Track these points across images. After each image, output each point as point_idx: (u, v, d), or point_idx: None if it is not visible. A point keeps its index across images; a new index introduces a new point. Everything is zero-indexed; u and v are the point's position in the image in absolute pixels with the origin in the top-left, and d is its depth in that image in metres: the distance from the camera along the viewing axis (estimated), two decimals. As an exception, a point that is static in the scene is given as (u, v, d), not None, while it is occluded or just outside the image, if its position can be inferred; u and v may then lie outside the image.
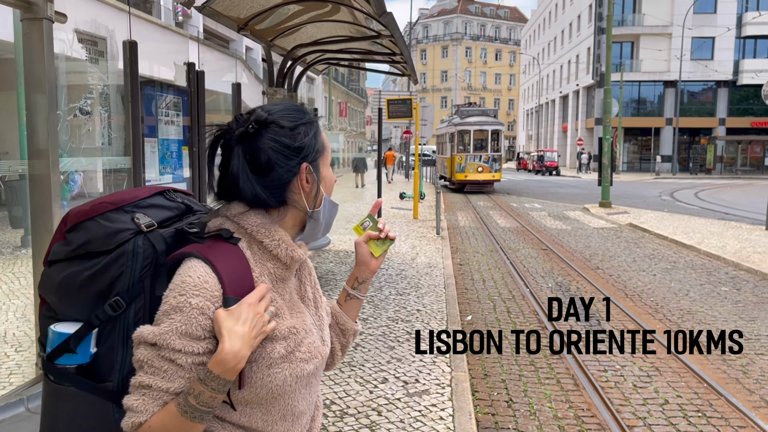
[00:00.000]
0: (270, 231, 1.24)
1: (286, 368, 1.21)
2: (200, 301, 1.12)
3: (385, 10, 4.58)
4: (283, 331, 1.22)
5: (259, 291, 1.18)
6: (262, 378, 1.19)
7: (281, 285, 1.27)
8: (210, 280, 1.14)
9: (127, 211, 1.22)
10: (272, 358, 1.19)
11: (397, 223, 14.28)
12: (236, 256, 1.20)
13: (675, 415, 4.37)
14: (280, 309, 1.25)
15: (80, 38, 4.14)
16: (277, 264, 1.25)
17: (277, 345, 1.20)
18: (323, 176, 1.30)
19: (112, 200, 1.24)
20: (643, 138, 47.90)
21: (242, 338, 1.11)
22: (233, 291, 1.16)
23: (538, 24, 71.96)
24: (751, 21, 43.99)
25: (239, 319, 1.12)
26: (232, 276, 1.17)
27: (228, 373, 1.11)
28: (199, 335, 1.12)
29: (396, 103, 13.74)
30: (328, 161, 1.33)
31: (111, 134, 4.06)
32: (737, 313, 7.01)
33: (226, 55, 14.73)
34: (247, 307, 1.14)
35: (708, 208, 19.74)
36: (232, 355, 1.10)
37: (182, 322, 1.11)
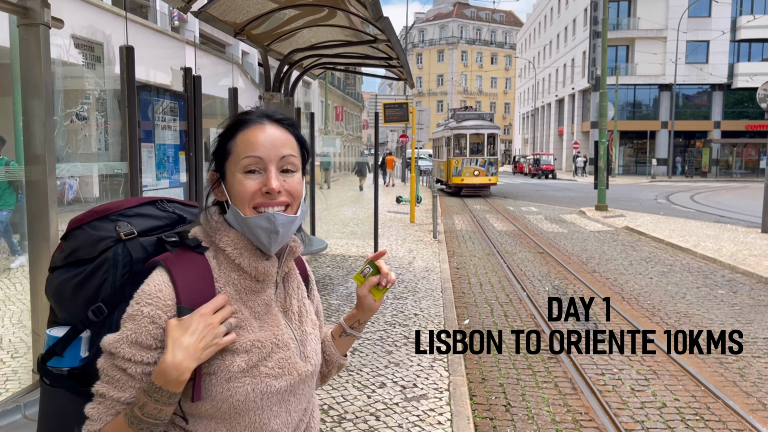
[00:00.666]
0: (223, 233, 1.21)
1: (248, 383, 1.16)
2: (152, 310, 1.12)
3: (381, 15, 4.58)
4: (245, 344, 1.17)
5: (214, 302, 1.15)
6: (222, 392, 1.15)
7: (250, 296, 1.22)
8: (164, 289, 1.13)
9: (112, 219, 1.24)
10: (231, 372, 1.15)
11: (393, 227, 14.28)
12: (199, 265, 1.19)
13: (673, 419, 4.37)
14: (244, 321, 1.19)
15: (77, 43, 4.15)
16: (242, 275, 1.21)
17: (237, 358, 1.16)
18: (229, 184, 1.20)
19: (100, 209, 1.26)
20: (638, 141, 48.03)
21: (186, 349, 1.08)
22: (189, 301, 1.14)
23: (533, 28, 72.16)
24: (746, 24, 44.20)
25: (187, 329, 1.10)
26: (189, 285, 1.15)
27: (170, 384, 1.08)
28: (150, 344, 1.11)
29: (392, 107, 13.75)
30: (237, 167, 1.19)
31: (107, 139, 4.07)
32: (734, 316, 7.03)
33: (222, 60, 14.74)
34: (198, 317, 1.11)
35: (704, 211, 19.79)
36: (172, 366, 1.07)
37: (133, 331, 1.11)
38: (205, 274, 1.18)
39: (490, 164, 25.03)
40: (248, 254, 1.20)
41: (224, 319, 1.14)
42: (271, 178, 1.17)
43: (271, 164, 1.18)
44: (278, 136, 1.21)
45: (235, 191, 1.18)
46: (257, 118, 1.22)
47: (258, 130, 1.20)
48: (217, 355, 1.15)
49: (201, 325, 1.11)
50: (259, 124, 1.21)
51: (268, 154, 1.18)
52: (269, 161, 1.18)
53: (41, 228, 3.08)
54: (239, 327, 1.18)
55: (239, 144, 1.19)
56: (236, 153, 1.19)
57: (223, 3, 4.90)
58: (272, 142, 1.19)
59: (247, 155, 1.17)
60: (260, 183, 1.18)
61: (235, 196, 1.19)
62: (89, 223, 1.24)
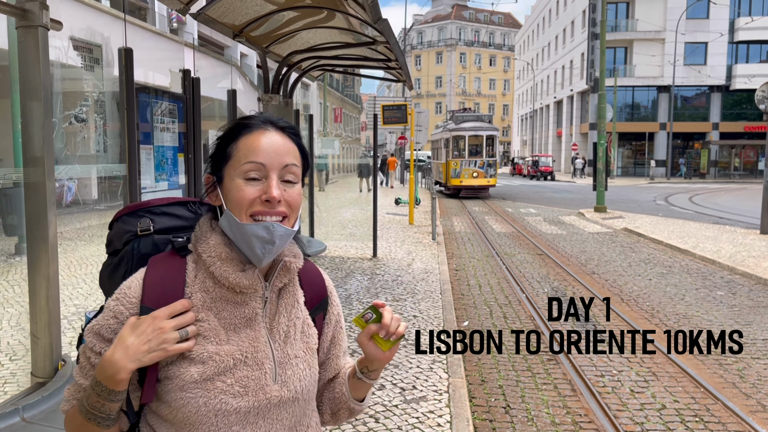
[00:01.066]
0: (204, 238, 1.19)
1: (200, 396, 1.11)
2: (116, 304, 1.15)
3: (380, 17, 4.59)
4: (202, 354, 1.13)
5: (172, 306, 1.12)
6: (176, 399, 1.12)
7: (225, 306, 1.17)
8: (133, 286, 1.16)
9: (139, 215, 1.28)
10: (185, 381, 1.12)
11: (392, 229, 14.27)
12: (175, 267, 1.19)
13: (672, 420, 4.37)
14: (210, 331, 1.15)
15: (75, 45, 4.14)
16: (218, 284, 1.17)
17: (192, 368, 1.12)
18: (226, 189, 1.17)
19: (134, 205, 1.31)
20: (637, 143, 48.09)
21: (126, 349, 1.07)
22: (151, 301, 1.13)
23: (531, 30, 72.25)
24: (744, 26, 44.29)
25: (135, 330, 1.09)
26: (156, 286, 1.15)
27: (108, 380, 1.07)
28: (109, 338, 1.13)
29: (391, 108, 13.75)
30: (236, 172, 1.15)
31: (106, 141, 4.07)
32: (733, 318, 7.03)
33: (221, 62, 14.75)
34: (149, 320, 1.10)
35: (702, 212, 19.80)
36: (109, 362, 1.07)
37: (98, 322, 1.15)
38: (177, 277, 1.17)
39: (488, 166, 25.04)
40: (222, 263, 1.16)
41: (180, 326, 1.11)
42: (272, 186, 1.13)
43: (272, 172, 1.15)
44: (282, 144, 1.17)
45: (233, 196, 1.15)
46: (261, 124, 1.19)
47: (262, 135, 1.17)
48: (175, 361, 1.13)
49: (150, 327, 1.09)
50: (263, 130, 1.18)
51: (270, 161, 1.15)
52: (271, 169, 1.15)
53: (40, 230, 3.08)
54: (202, 336, 1.14)
55: (241, 148, 1.16)
56: (237, 157, 1.16)
57: (221, 5, 4.90)
58: (275, 149, 1.16)
59: (249, 160, 1.14)
60: (260, 190, 1.14)
61: (232, 201, 1.15)
62: (122, 217, 1.29)
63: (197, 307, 1.16)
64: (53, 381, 3.04)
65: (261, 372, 1.16)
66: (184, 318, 1.12)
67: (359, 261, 10.02)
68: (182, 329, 1.11)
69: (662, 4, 45.55)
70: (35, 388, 3.05)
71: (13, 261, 8.86)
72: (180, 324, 1.11)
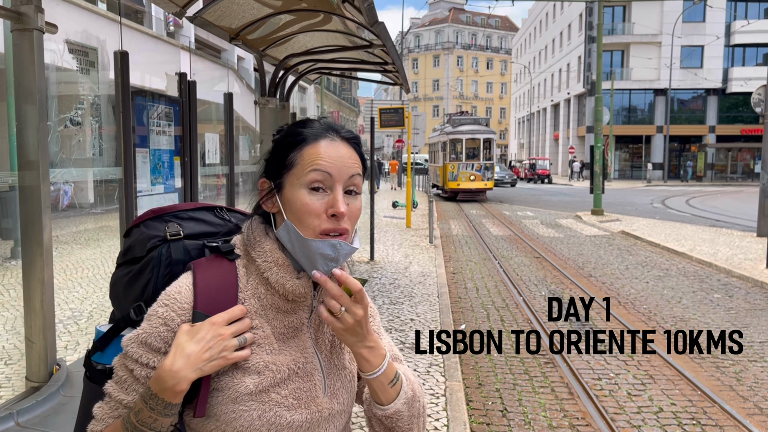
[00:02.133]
0: (258, 242, 1.14)
1: (254, 408, 1.06)
2: (166, 311, 1.07)
3: (376, 20, 4.58)
4: (258, 364, 1.08)
5: (230, 312, 1.08)
6: (227, 413, 1.07)
7: (277, 315, 1.14)
8: (183, 291, 1.09)
9: (165, 220, 1.22)
10: (238, 392, 1.06)
11: (389, 232, 14.27)
12: (225, 272, 1.13)
13: (670, 423, 4.36)
14: (264, 339, 1.11)
15: (71, 48, 4.13)
16: (270, 290, 1.13)
17: (246, 378, 1.07)
18: (287, 198, 1.11)
19: (158, 209, 1.25)
20: (634, 146, 48.19)
21: (188, 357, 1.02)
22: (205, 307, 1.08)
23: (528, 33, 72.42)
24: (740, 29, 44.44)
25: (194, 336, 1.04)
26: (209, 291, 1.09)
27: (166, 393, 1.01)
28: (158, 347, 1.06)
29: (388, 112, 13.75)
30: (300, 181, 1.10)
31: (102, 144, 4.05)
32: (730, 320, 7.03)
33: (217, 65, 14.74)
34: (208, 326, 1.05)
35: (699, 215, 19.83)
36: (169, 373, 1.01)
37: (145, 331, 1.07)
38: (230, 282, 1.12)
39: (486, 169, 25.06)
40: (278, 269, 1.11)
41: (239, 333, 1.07)
42: (339, 201, 1.09)
43: (339, 183, 1.10)
44: (348, 155, 1.13)
45: (296, 207, 1.09)
46: (327, 132, 1.13)
47: (329, 144, 1.11)
48: (228, 371, 1.07)
49: (209, 334, 1.04)
50: (330, 139, 1.12)
51: (338, 172, 1.10)
52: (338, 180, 1.10)
53: (35, 234, 3.06)
54: (256, 344, 1.10)
55: (306, 157, 1.10)
56: (301, 165, 1.10)
57: (218, 8, 4.90)
58: (342, 160, 1.11)
59: (315, 169, 1.09)
60: (326, 203, 1.09)
61: (295, 213, 1.10)
62: (145, 222, 1.23)
63: (251, 314, 1.11)
64: (48, 385, 3.03)
65: (311, 383, 1.13)
66: (242, 324, 1.08)
67: (356, 264, 10.01)
68: (241, 336, 1.07)
69: (658, 8, 45.69)
70: (30, 392, 3.03)
71: (8, 265, 8.83)
72: (239, 330, 1.07)
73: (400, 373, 1.21)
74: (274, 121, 6.77)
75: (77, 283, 7.74)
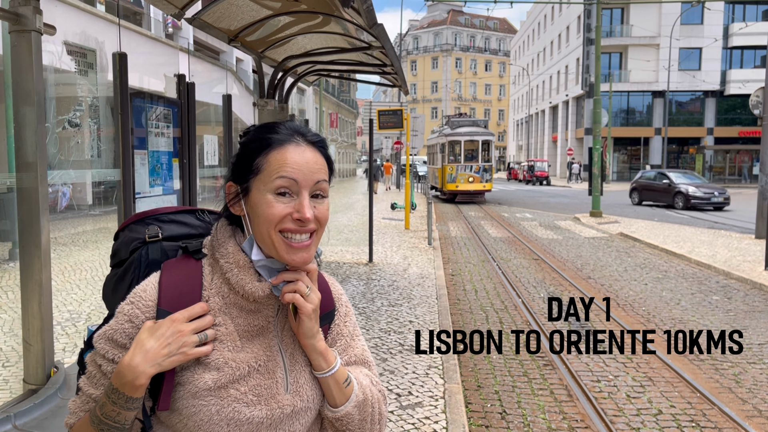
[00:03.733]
0: (222, 244, 1.16)
1: (213, 403, 1.08)
2: (131, 308, 1.11)
3: (375, 22, 4.58)
4: (217, 360, 1.10)
5: (191, 309, 1.10)
6: (187, 407, 1.09)
7: (240, 313, 1.15)
8: (148, 290, 1.13)
9: (147, 223, 1.26)
10: (198, 387, 1.08)
11: (388, 234, 14.26)
12: (191, 270, 1.16)
13: (669, 426, 4.36)
14: (226, 336, 1.12)
15: (69, 50, 4.13)
16: (233, 290, 1.14)
17: (206, 374, 1.09)
18: (253, 202, 1.13)
19: (142, 213, 1.29)
20: (632, 148, 48.23)
21: (146, 353, 1.04)
22: (169, 304, 1.11)
23: (527, 35, 72.49)
24: (738, 32, 44.51)
25: (154, 333, 1.06)
26: (173, 289, 1.12)
27: (126, 387, 1.04)
28: (123, 343, 1.09)
29: (387, 113, 13.76)
30: (267, 187, 1.11)
31: (100, 146, 4.05)
32: (728, 322, 7.03)
33: (216, 67, 14.74)
34: (168, 322, 1.07)
35: (697, 217, 19.84)
36: (128, 368, 1.04)
37: (111, 327, 1.11)
38: (194, 280, 1.15)
39: (484, 171, 25.07)
40: (239, 271, 1.13)
41: (199, 329, 1.09)
42: (305, 206, 1.11)
43: (304, 189, 1.12)
44: (315, 160, 1.14)
45: (262, 211, 1.11)
46: (293, 136, 1.15)
47: (295, 150, 1.13)
48: (190, 367, 1.10)
49: (169, 330, 1.06)
50: (296, 144, 1.14)
51: (304, 178, 1.12)
52: (303, 186, 1.12)
53: (32, 235, 3.05)
54: (218, 341, 1.12)
55: (272, 162, 1.11)
56: (268, 171, 1.11)
57: (217, 10, 4.89)
58: (308, 165, 1.13)
59: (282, 176, 1.10)
60: (292, 207, 1.11)
61: (260, 216, 1.11)
62: (129, 225, 1.27)
63: (214, 311, 1.13)
64: (45, 388, 3.01)
65: (273, 381, 1.14)
66: (203, 321, 1.10)
67: (355, 266, 10.00)
68: (201, 333, 1.09)
69: (657, 10, 45.76)
70: (27, 395, 3.02)
71: (6, 267, 8.81)
72: (199, 327, 1.09)
73: (352, 377, 1.22)
74: (273, 122, 6.77)
75: (75, 285, 7.73)
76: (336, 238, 13.32)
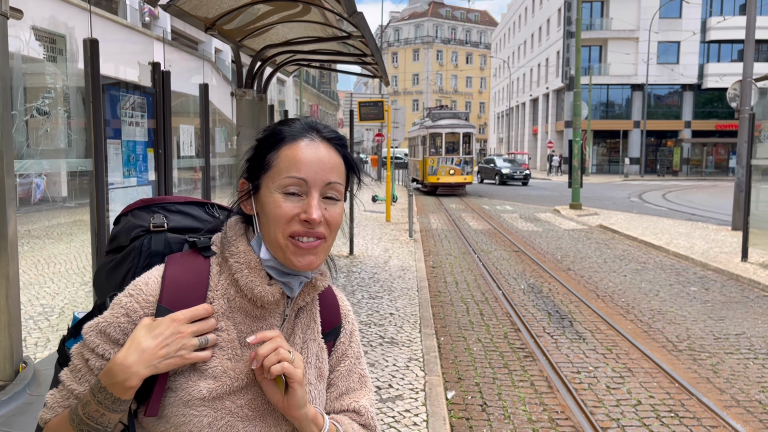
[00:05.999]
0: (233, 242, 1.09)
1: (206, 414, 1.01)
2: (130, 301, 1.03)
3: (355, 10, 4.51)
4: (216, 368, 1.02)
5: (194, 310, 1.02)
6: (177, 415, 1.01)
7: (245, 319, 1.08)
8: (151, 283, 1.05)
9: (153, 210, 1.18)
10: (191, 395, 1.01)
11: (369, 226, 14.21)
12: (198, 268, 1.08)
13: (648, 416, 4.37)
14: (227, 343, 1.05)
15: (38, 36, 3.99)
16: (241, 293, 1.07)
17: (201, 382, 1.01)
18: (262, 200, 1.07)
19: (148, 199, 1.21)
20: (611, 140, 48.63)
21: (142, 352, 0.96)
22: (170, 302, 1.03)
23: (508, 28, 72.63)
24: (715, 26, 44.99)
25: (152, 331, 0.98)
26: (177, 285, 1.04)
27: (115, 387, 0.96)
28: (117, 338, 1.01)
29: (368, 105, 13.68)
30: (275, 184, 1.05)
31: (71, 135, 3.92)
32: (706, 313, 7.09)
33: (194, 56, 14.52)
34: (168, 322, 1.00)
35: (675, 209, 20.07)
36: (120, 366, 0.96)
37: (105, 320, 1.03)
38: (200, 280, 1.07)
39: (465, 163, 25.10)
40: (249, 272, 1.06)
41: (200, 332, 1.01)
42: (312, 206, 1.03)
43: (314, 189, 1.04)
44: (328, 159, 1.07)
45: (269, 210, 1.05)
46: (306, 132, 1.08)
47: (307, 147, 1.06)
48: (184, 372, 1.02)
49: (169, 330, 0.98)
50: (309, 140, 1.07)
51: (313, 177, 1.04)
52: (313, 186, 1.04)
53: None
54: (218, 347, 1.04)
55: (283, 159, 1.05)
56: (277, 168, 1.05)
57: (192, -4, 4.78)
58: (320, 164, 1.05)
59: (291, 175, 1.04)
60: (300, 207, 1.04)
61: (268, 216, 1.05)
62: (133, 211, 1.19)
63: (218, 315, 1.05)
64: (13, 384, 2.92)
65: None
66: (206, 324, 1.02)
67: (336, 258, 9.91)
68: (202, 336, 1.01)
69: (636, 4, 46.07)
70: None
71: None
72: (200, 330, 1.01)
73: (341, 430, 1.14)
74: (251, 113, 6.66)
75: (49, 279, 7.57)
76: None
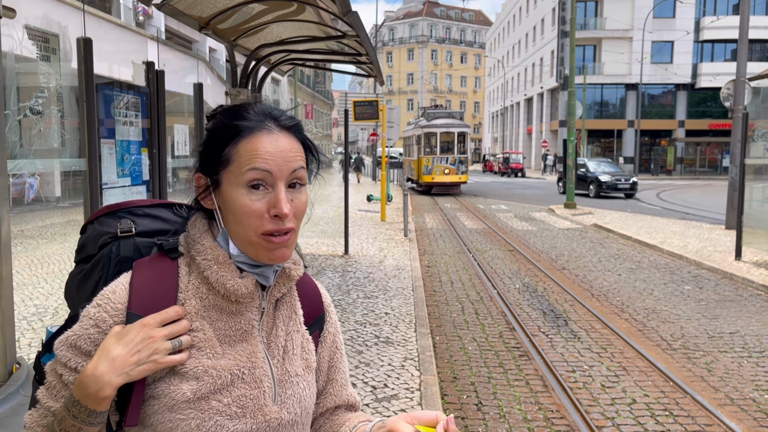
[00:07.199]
0: (198, 240, 1.06)
1: (192, 417, 0.98)
2: (98, 312, 0.99)
3: (350, 10, 4.50)
4: (196, 369, 0.99)
5: (164, 313, 0.99)
6: (163, 422, 0.98)
7: (221, 316, 1.05)
8: (118, 291, 1.01)
9: (119, 216, 1.13)
10: (175, 400, 0.98)
11: (364, 226, 14.20)
12: (166, 271, 1.05)
13: (643, 415, 4.38)
14: (204, 343, 1.02)
15: (31, 35, 3.98)
16: (212, 290, 1.04)
17: (184, 385, 0.98)
18: (225, 196, 1.02)
19: (113, 205, 1.16)
20: (605, 140, 48.74)
21: (113, 361, 0.93)
22: (140, 307, 0.99)
23: (502, 27, 72.71)
24: (709, 25, 45.15)
25: (122, 339, 0.95)
26: (145, 290, 1.01)
27: (89, 399, 0.93)
28: (88, 350, 0.98)
29: (362, 104, 13.67)
30: (238, 180, 1.00)
31: (64, 135, 3.90)
32: (700, 312, 7.12)
33: (188, 56, 14.49)
34: (138, 327, 0.96)
35: (669, 208, 20.13)
36: (91, 377, 0.92)
37: (75, 333, 0.99)
38: (170, 282, 1.04)
39: (460, 163, 25.12)
40: (219, 267, 1.03)
41: (173, 335, 0.98)
42: (281, 201, 0.99)
43: (280, 181, 1.00)
44: (290, 147, 1.02)
45: (235, 207, 1.00)
46: (263, 122, 1.03)
47: (266, 137, 1.01)
48: (164, 377, 0.99)
49: (139, 336, 0.95)
50: (267, 130, 1.02)
51: (279, 168, 1.00)
52: (279, 177, 1.00)
53: (-8, 228, 2.93)
54: (196, 348, 1.01)
55: (242, 153, 1.00)
56: (238, 163, 1.00)
57: (186, -5, 4.76)
58: (283, 154, 1.01)
59: (254, 167, 0.99)
60: (267, 203, 1.00)
61: (235, 213, 1.01)
62: (99, 218, 1.14)
63: (191, 315, 1.02)
64: (7, 385, 2.90)
65: (259, 391, 1.04)
66: (178, 326, 0.99)
67: (331, 258, 9.93)
68: (175, 339, 0.98)
69: (630, 3, 46.20)
70: (-13, 393, 2.91)
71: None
72: (173, 333, 0.98)
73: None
74: (246, 112, 6.65)
75: (42, 279, 7.54)
76: (311, 230, 13.21)
